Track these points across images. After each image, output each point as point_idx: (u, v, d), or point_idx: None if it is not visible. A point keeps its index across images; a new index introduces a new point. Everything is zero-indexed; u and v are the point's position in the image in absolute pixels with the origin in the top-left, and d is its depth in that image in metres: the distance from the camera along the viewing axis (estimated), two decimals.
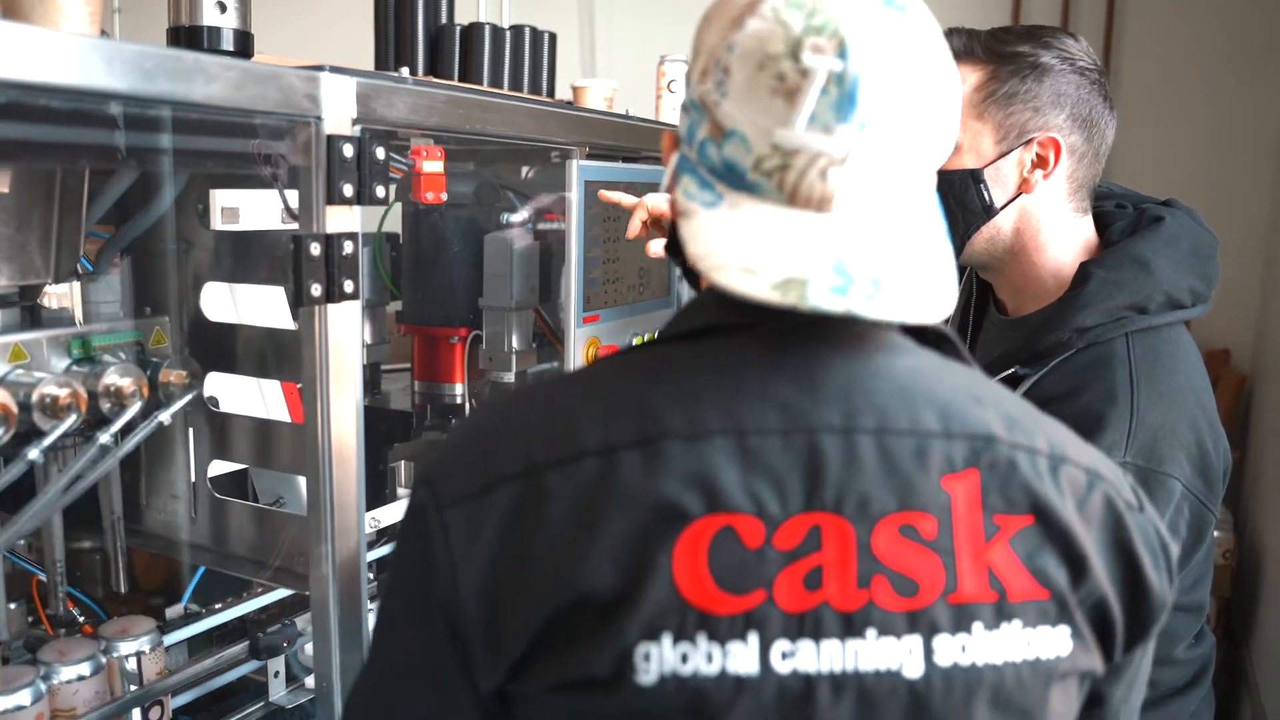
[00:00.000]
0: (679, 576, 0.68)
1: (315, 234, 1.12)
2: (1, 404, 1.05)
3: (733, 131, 0.73)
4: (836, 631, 0.70)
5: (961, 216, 1.30)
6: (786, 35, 0.71)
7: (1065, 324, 1.26)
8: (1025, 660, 0.73)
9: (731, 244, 0.71)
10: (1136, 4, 3.31)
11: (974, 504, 0.74)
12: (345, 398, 1.18)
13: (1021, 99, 1.26)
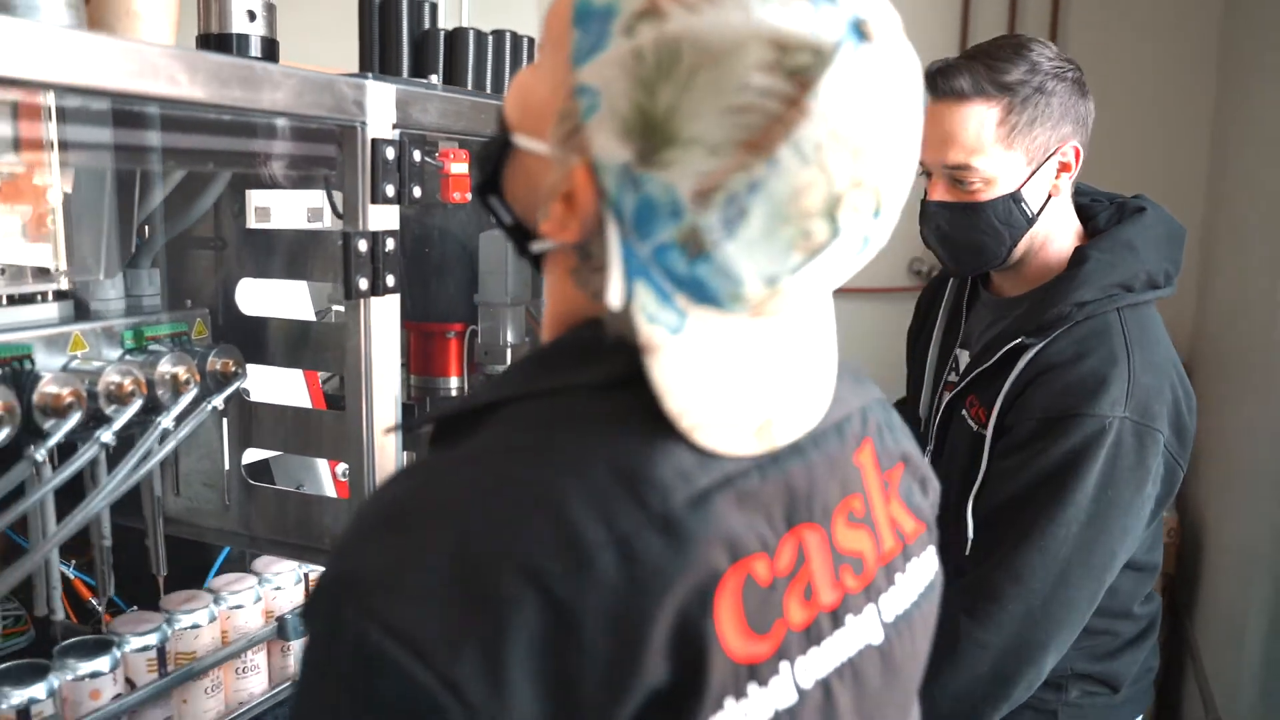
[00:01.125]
0: (725, 642, 0.63)
1: (362, 231, 1.20)
2: (74, 390, 1.11)
3: (723, 266, 0.64)
4: (829, 630, 0.70)
5: (1008, 234, 1.47)
6: (828, 191, 0.61)
7: (1066, 299, 1.43)
8: (924, 587, 0.81)
9: (706, 392, 0.66)
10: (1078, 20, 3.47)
11: (875, 468, 0.78)
12: (386, 385, 1.26)
13: (1040, 122, 1.42)
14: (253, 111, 1.06)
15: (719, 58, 0.59)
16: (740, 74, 0.59)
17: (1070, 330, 1.43)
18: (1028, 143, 1.43)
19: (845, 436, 0.76)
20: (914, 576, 0.80)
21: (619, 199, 0.64)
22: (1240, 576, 2.56)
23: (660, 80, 0.60)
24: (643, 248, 0.65)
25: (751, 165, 0.60)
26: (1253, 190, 2.71)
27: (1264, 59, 2.72)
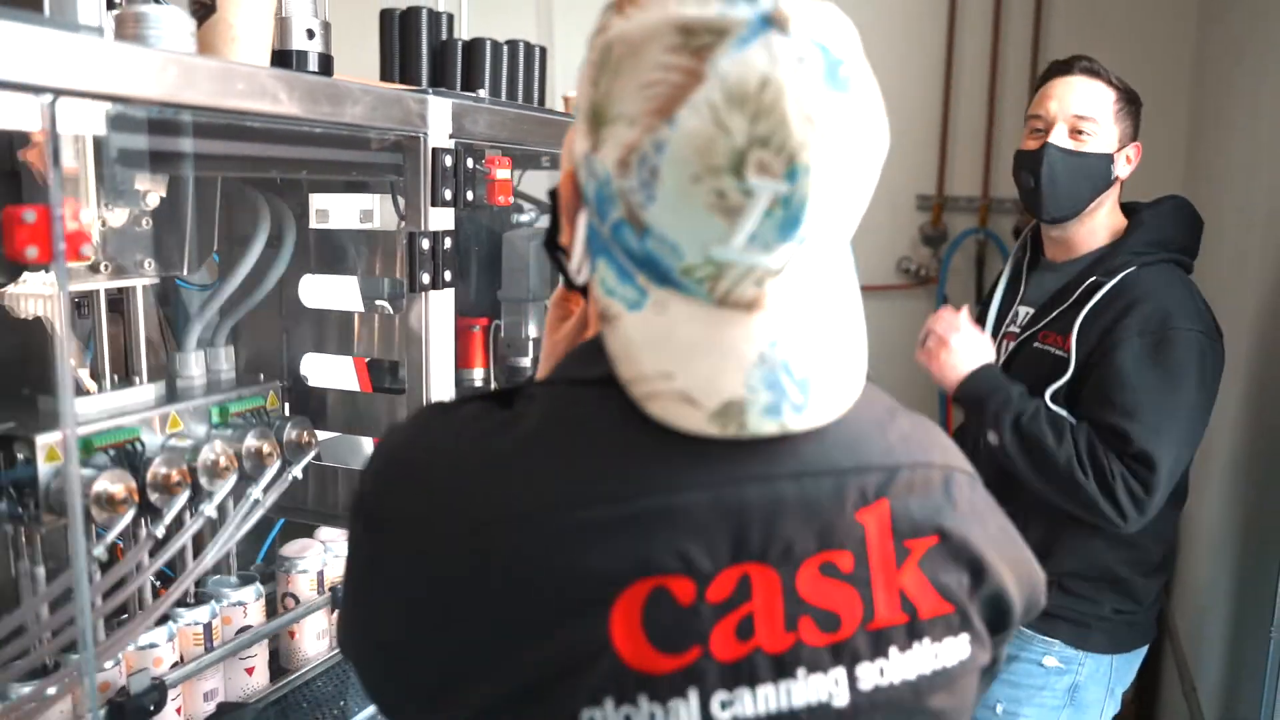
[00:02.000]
0: (617, 642, 0.67)
1: (425, 231, 1.33)
2: (180, 470, 1.25)
3: (660, 236, 0.69)
4: (770, 675, 0.70)
5: (1094, 186, 1.90)
6: (730, 147, 0.63)
7: (1126, 251, 1.87)
8: (934, 670, 0.76)
9: (663, 363, 0.70)
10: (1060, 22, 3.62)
11: (885, 532, 0.74)
12: (443, 370, 1.39)
13: (1129, 118, 1.91)
14: (336, 124, 1.19)
15: (637, 47, 0.67)
16: (652, 56, 0.66)
17: (1134, 273, 1.84)
18: (1123, 126, 1.90)
19: (845, 489, 0.73)
20: (920, 656, 0.75)
21: (585, 186, 0.73)
22: (1212, 558, 2.71)
23: (600, 74, 0.69)
24: (603, 228, 0.72)
25: (657, 128, 0.65)
26: (1224, 193, 2.86)
27: (1235, 69, 2.88)
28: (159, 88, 0.94)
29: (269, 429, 1.42)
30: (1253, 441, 2.33)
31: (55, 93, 0.84)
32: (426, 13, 2.61)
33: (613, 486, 0.70)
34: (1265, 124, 2.44)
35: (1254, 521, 2.27)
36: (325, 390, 1.63)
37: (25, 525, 1.19)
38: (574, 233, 0.76)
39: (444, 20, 2.67)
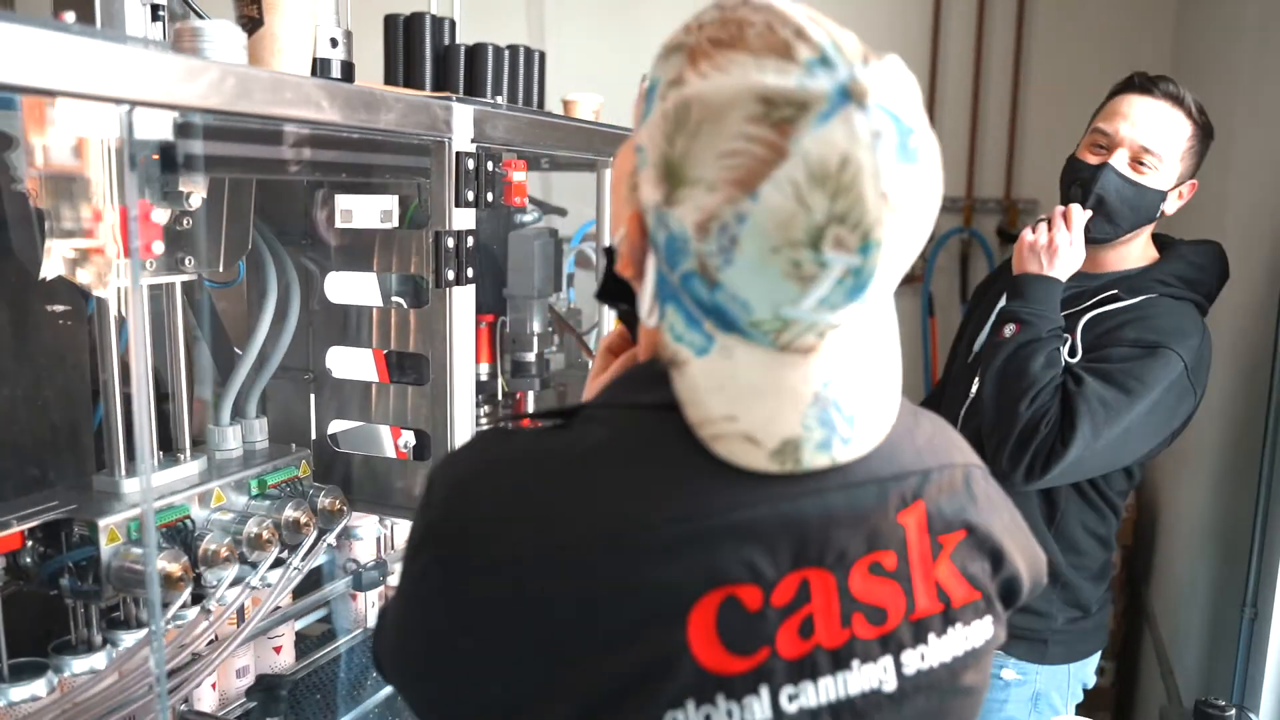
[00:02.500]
0: (694, 650, 0.73)
1: (450, 230, 1.41)
2: (229, 545, 1.35)
3: (737, 297, 0.73)
4: (829, 669, 0.77)
5: (1139, 217, 1.83)
6: (810, 223, 0.67)
7: (1156, 279, 1.82)
8: (965, 652, 0.84)
9: (728, 406, 0.76)
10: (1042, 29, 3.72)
11: (922, 531, 0.82)
12: (464, 363, 1.47)
13: (1196, 156, 1.82)
14: (371, 129, 1.27)
15: (718, 112, 0.69)
16: (733, 124, 0.68)
17: (1154, 299, 1.79)
18: (1188, 165, 1.82)
19: (887, 495, 0.80)
20: (954, 640, 0.83)
21: (654, 234, 0.76)
22: (1189, 548, 2.81)
23: (676, 133, 0.71)
24: (673, 276, 0.75)
25: (739, 200, 0.68)
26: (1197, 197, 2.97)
27: (1211, 69, 2.98)
28: (219, 97, 1.01)
29: (303, 499, 1.52)
30: (1226, 434, 2.43)
31: (131, 103, 0.91)
32: (430, 19, 2.69)
33: (684, 506, 0.75)
34: (1238, 128, 2.54)
35: (1228, 510, 2.37)
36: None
37: (86, 599, 1.29)
38: (644, 276, 0.80)
39: (446, 26, 2.75)
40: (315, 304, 1.67)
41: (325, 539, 1.51)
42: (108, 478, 1.35)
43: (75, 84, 0.86)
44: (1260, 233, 2.19)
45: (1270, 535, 1.96)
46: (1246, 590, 2.02)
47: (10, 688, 1.23)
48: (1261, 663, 1.94)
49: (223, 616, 1.35)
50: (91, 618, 1.32)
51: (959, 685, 0.84)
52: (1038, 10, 3.71)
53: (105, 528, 1.26)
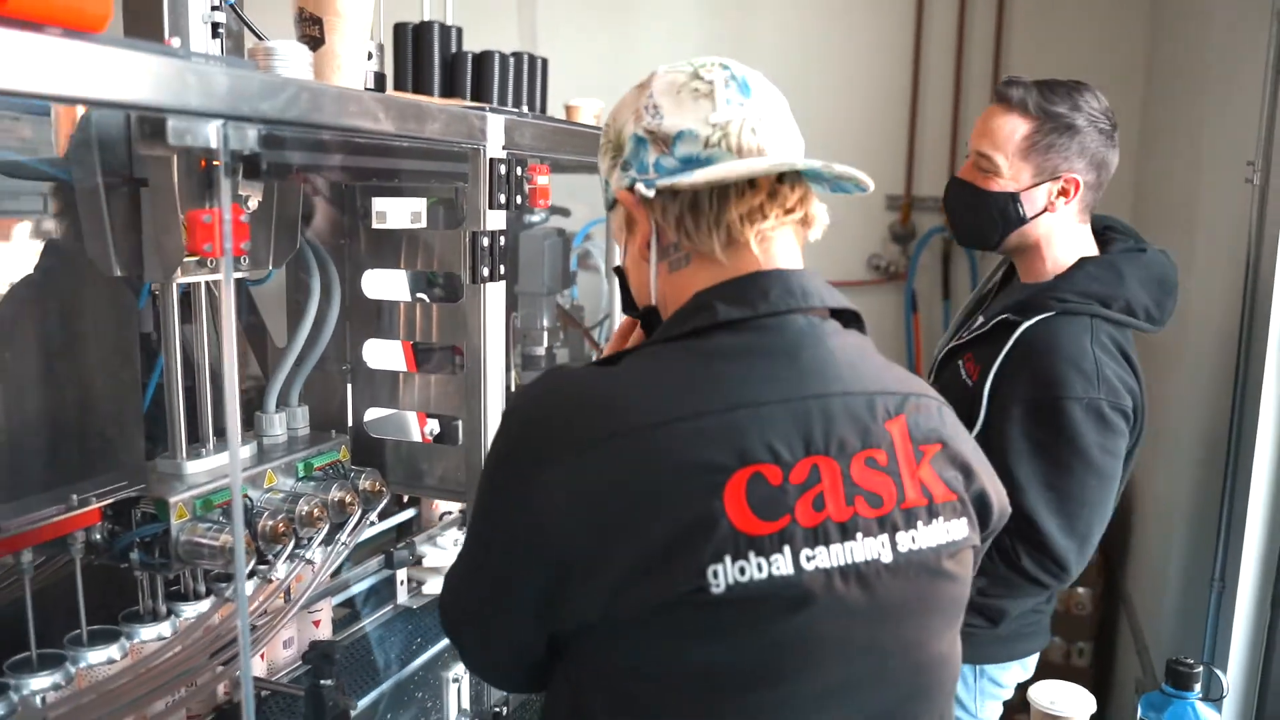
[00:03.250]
0: (728, 515, 0.92)
1: (485, 231, 1.53)
2: (286, 522, 1.46)
3: (680, 132, 1.03)
4: (838, 538, 0.96)
5: (1002, 222, 1.83)
6: (687, 71, 1.06)
7: (1052, 293, 1.78)
8: (945, 542, 1.02)
9: (721, 172, 1.02)
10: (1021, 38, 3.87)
11: (905, 439, 1.02)
12: (497, 353, 1.59)
13: (1056, 150, 1.78)
14: (418, 138, 1.38)
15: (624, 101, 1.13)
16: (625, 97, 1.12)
17: (1049, 320, 1.76)
18: (1039, 161, 1.79)
19: (875, 404, 1.01)
20: (937, 530, 1.02)
21: (629, 176, 1.08)
22: (1162, 530, 2.96)
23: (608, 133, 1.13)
24: (642, 179, 1.05)
25: (643, 95, 1.08)
26: (1171, 189, 3.12)
27: (1183, 74, 3.13)
28: (296, 111, 1.13)
29: (346, 480, 1.63)
30: (1196, 424, 2.57)
31: (227, 118, 1.03)
32: (439, 27, 2.80)
33: (715, 402, 0.96)
34: (1208, 128, 2.68)
35: (1199, 495, 2.51)
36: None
37: (155, 571, 1.41)
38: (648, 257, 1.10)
39: (454, 34, 2.87)
40: (351, 299, 1.78)
41: (368, 517, 1.62)
42: (169, 460, 1.46)
43: (184, 102, 0.98)
44: (1228, 229, 2.33)
45: (1236, 514, 2.10)
46: (1215, 566, 2.17)
47: (88, 651, 1.33)
48: (1229, 631, 2.08)
49: (285, 583, 1.46)
50: (157, 589, 1.43)
51: (943, 569, 1.03)
52: (1016, 16, 3.85)
53: (175, 505, 1.36)
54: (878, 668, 1.01)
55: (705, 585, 0.91)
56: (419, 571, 2.00)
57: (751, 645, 0.95)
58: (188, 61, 0.99)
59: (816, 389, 0.99)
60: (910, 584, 1.00)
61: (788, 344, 1.02)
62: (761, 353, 1.01)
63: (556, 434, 0.97)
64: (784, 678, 0.96)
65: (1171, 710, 1.63)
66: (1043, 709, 1.68)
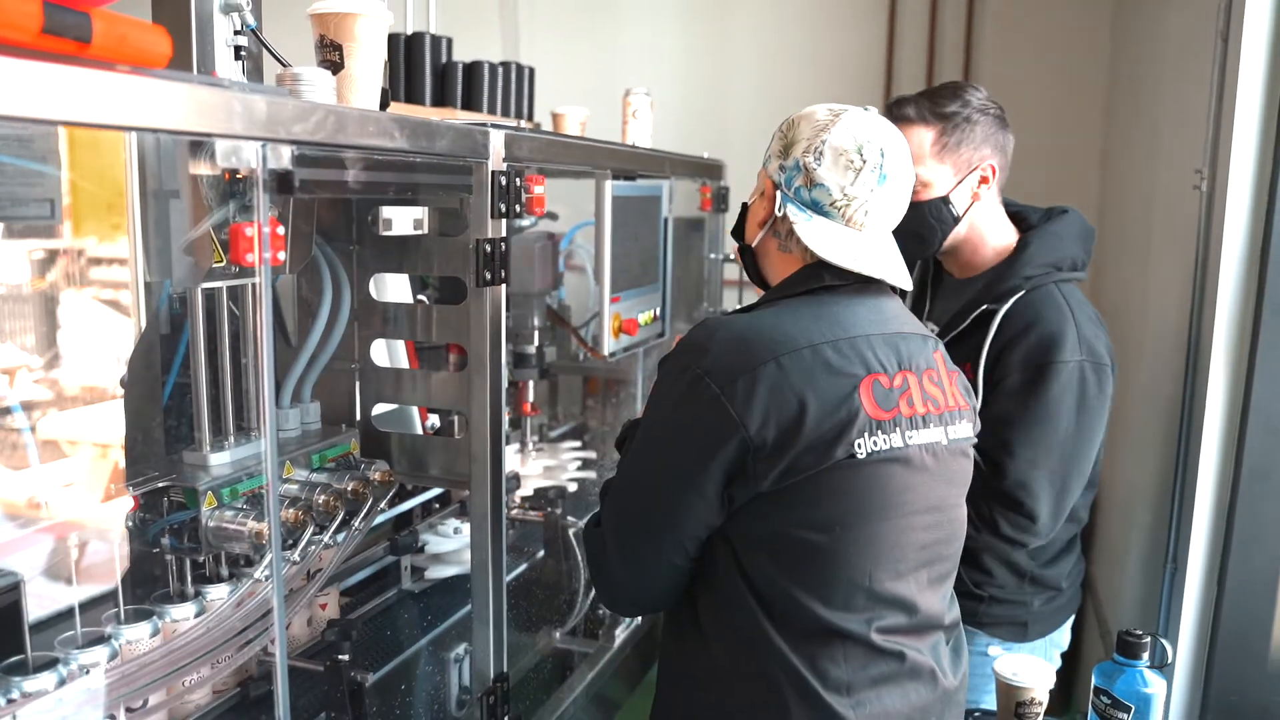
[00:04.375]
0: (865, 406, 1.35)
1: (489, 238, 1.64)
2: (305, 510, 1.59)
3: (821, 184, 1.43)
4: (921, 425, 1.41)
5: (939, 228, 1.96)
6: (858, 141, 1.42)
7: (1016, 274, 1.92)
8: (966, 436, 1.50)
9: (824, 242, 1.43)
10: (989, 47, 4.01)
11: (944, 365, 1.51)
12: (497, 353, 1.71)
13: (965, 144, 1.93)
14: (429, 154, 1.50)
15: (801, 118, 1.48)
16: (809, 119, 1.46)
17: (1023, 298, 1.90)
18: (954, 159, 1.93)
19: (928, 342, 1.49)
20: (960, 427, 1.48)
21: (777, 178, 1.47)
22: (1125, 515, 3.09)
23: (788, 134, 1.48)
24: (789, 192, 1.45)
25: (820, 136, 1.42)
26: (1131, 194, 3.26)
27: (1141, 79, 3.28)
28: (324, 133, 1.24)
29: (356, 471, 1.75)
30: (1151, 411, 2.71)
31: (265, 140, 1.14)
32: (429, 38, 2.91)
33: (839, 331, 1.39)
34: (1165, 128, 2.83)
35: (1154, 480, 2.64)
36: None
37: (185, 555, 1.53)
38: (776, 210, 1.48)
39: (444, 44, 2.97)
40: (359, 302, 1.90)
41: (378, 505, 1.73)
42: (195, 452, 1.57)
43: (229, 127, 1.09)
44: (1181, 223, 2.45)
45: (1186, 498, 2.24)
46: (1168, 549, 2.31)
47: (125, 628, 1.44)
48: (1179, 609, 2.23)
49: (306, 565, 1.57)
50: (186, 573, 1.54)
51: (967, 451, 1.52)
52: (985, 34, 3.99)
53: (204, 493, 1.48)
54: (937, 515, 1.44)
55: (854, 453, 1.33)
56: (421, 559, 2.12)
57: (877, 491, 1.36)
58: (232, 91, 1.10)
59: (895, 328, 1.45)
60: (955, 461, 1.47)
61: (874, 300, 1.46)
62: (859, 303, 1.44)
63: (738, 358, 1.34)
64: (889, 515, 1.38)
65: (1123, 679, 1.76)
66: (1006, 680, 1.81)
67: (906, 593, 1.43)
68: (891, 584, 1.41)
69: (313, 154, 1.44)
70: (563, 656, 2.20)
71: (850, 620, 1.39)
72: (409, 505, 2.08)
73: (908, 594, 1.43)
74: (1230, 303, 2.08)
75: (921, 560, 1.45)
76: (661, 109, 3.68)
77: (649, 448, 1.44)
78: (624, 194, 2.22)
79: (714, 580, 1.44)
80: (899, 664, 1.42)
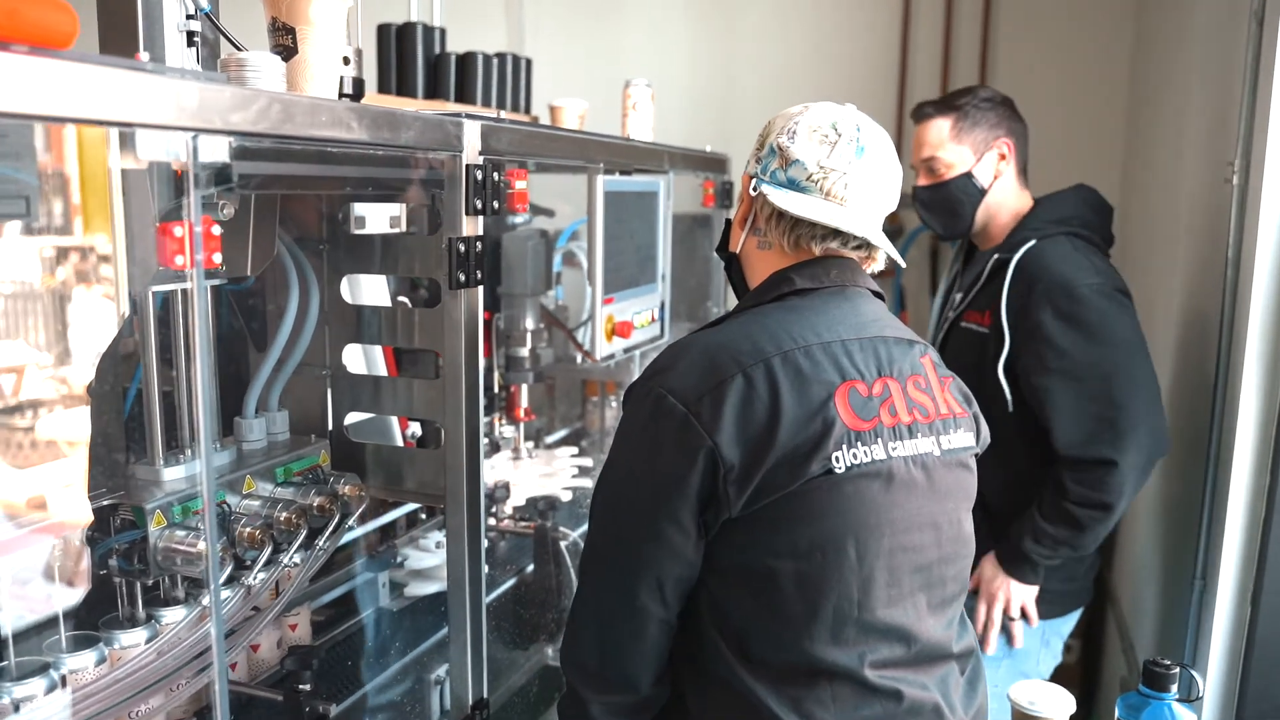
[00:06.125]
0: (841, 416, 1.28)
1: (463, 237, 1.53)
2: (264, 529, 1.48)
3: (796, 160, 1.37)
4: (906, 435, 1.32)
5: (967, 201, 2.25)
6: (833, 118, 1.38)
7: (1025, 228, 2.20)
8: (965, 445, 1.41)
9: (800, 207, 1.36)
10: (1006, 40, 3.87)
11: (933, 370, 1.42)
12: (474, 358, 1.59)
13: (980, 126, 2.22)
14: (393, 146, 1.39)
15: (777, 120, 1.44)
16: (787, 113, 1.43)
17: (1033, 247, 2.13)
18: (971, 138, 2.22)
19: (913, 347, 1.40)
20: (960, 436, 1.41)
21: (752, 169, 1.43)
22: (1146, 528, 2.97)
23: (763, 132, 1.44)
24: (765, 176, 1.40)
25: (793, 120, 1.39)
26: (1155, 193, 3.13)
27: (1166, 73, 3.14)
28: (267, 122, 1.13)
29: (324, 485, 1.64)
30: (1177, 418, 2.58)
31: (196, 131, 1.03)
32: (422, 28, 2.80)
33: (812, 337, 1.31)
34: (1189, 125, 2.69)
35: (1180, 491, 2.52)
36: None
37: (134, 578, 1.42)
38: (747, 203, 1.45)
39: (437, 35, 2.87)
40: (330, 305, 1.79)
41: (346, 522, 1.62)
42: (148, 466, 1.47)
43: (150, 117, 0.98)
44: (1207, 218, 2.34)
45: (1217, 512, 2.11)
46: (1196, 564, 2.18)
47: (68, 657, 1.34)
48: (1209, 631, 2.10)
49: (261, 590, 1.46)
50: (136, 595, 1.44)
51: (967, 464, 1.43)
52: (1001, 24, 3.85)
53: (152, 512, 1.37)
54: (933, 534, 1.35)
55: (832, 467, 1.25)
56: (401, 575, 2.01)
57: (861, 509, 1.28)
58: (156, 76, 0.99)
59: (875, 332, 1.36)
60: (950, 473, 1.38)
61: (850, 303, 1.38)
62: (834, 307, 1.36)
63: (704, 374, 1.27)
64: (876, 535, 1.29)
65: (1149, 712, 1.64)
66: (1022, 709, 1.69)
67: (903, 621, 1.33)
68: (885, 612, 1.31)
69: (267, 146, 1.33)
70: (554, 674, 2.09)
71: (839, 655, 1.29)
72: (389, 518, 1.97)
73: (904, 622, 1.33)
74: (1265, 301, 1.95)
75: (918, 584, 1.35)
76: (669, 104, 3.57)
77: (618, 480, 1.34)
78: (617, 189, 2.11)
79: (685, 624, 1.35)
80: (895, 704, 1.31)
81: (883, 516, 1.29)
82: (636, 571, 1.30)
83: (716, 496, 1.25)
